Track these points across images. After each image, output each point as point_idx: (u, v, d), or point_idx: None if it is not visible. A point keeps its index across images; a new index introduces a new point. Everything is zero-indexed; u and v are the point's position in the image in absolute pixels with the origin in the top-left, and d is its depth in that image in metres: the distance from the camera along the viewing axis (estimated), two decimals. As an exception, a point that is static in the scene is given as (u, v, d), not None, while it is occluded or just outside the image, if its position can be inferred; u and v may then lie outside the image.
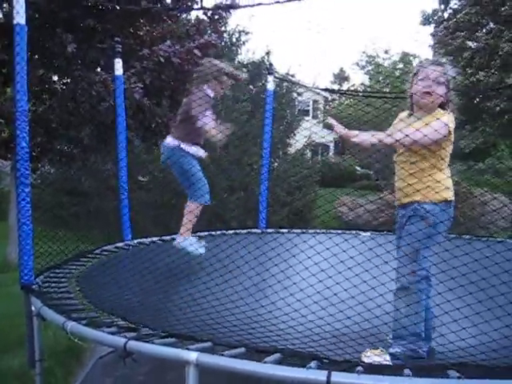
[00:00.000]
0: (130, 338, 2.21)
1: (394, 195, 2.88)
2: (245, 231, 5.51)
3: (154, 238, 5.04)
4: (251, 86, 12.15)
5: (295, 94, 12.95)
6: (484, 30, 15.84)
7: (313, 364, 1.96)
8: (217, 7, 6.86)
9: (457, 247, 2.74)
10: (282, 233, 5.39)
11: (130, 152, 9.24)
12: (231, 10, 7.39)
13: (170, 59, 6.10)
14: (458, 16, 16.28)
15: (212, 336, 2.41)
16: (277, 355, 2.07)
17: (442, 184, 2.66)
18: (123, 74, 5.04)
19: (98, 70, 6.66)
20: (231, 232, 5.47)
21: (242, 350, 2.15)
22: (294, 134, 12.61)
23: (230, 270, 3.38)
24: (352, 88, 26.22)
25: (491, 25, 15.77)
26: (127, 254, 4.36)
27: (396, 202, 2.85)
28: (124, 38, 6.70)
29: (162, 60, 6.07)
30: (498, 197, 11.72)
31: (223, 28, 12.54)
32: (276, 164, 11.75)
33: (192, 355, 2.03)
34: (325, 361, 2.01)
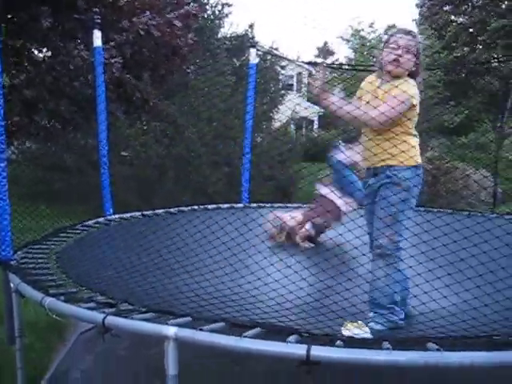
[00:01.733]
0: (108, 313, 2.19)
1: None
2: (227, 206, 5.49)
3: (136, 213, 5.00)
4: (234, 60, 12.00)
5: (279, 68, 12.83)
6: (470, 4, 15.76)
7: (292, 338, 1.95)
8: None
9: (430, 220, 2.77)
10: (264, 207, 5.38)
11: (112, 125, 9.15)
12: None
13: (149, 32, 5.93)
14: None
15: (193, 311, 2.39)
16: (256, 329, 2.06)
17: (413, 148, 2.70)
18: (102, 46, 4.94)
19: (78, 41, 6.50)
20: (214, 206, 5.45)
21: (222, 324, 2.14)
22: (278, 108, 12.52)
23: (212, 245, 3.37)
24: (337, 62, 26.06)
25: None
26: (108, 229, 4.32)
27: (364, 166, 2.83)
28: (103, 9, 6.56)
29: (141, 33, 5.90)
30: (480, 171, 11.83)
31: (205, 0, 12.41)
32: (259, 139, 11.68)
33: (171, 330, 2.01)
34: (304, 335, 2.01)
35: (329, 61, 27.31)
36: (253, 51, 5.81)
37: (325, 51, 28.38)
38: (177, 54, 6.38)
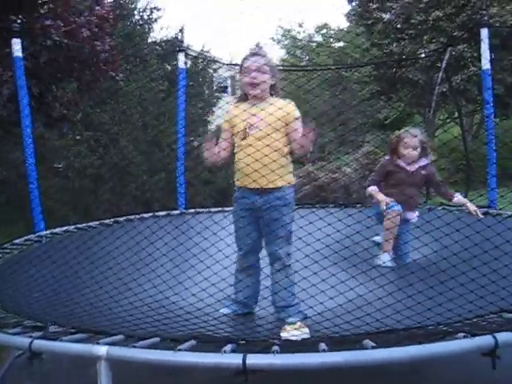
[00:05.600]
0: (35, 337, 2.08)
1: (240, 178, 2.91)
2: (163, 213, 5.40)
3: (69, 227, 4.83)
4: (166, 65, 11.86)
5: (211, 71, 12.78)
6: (400, 3, 16.17)
7: (228, 347, 1.91)
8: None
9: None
10: (201, 213, 5.32)
11: (41, 138, 8.85)
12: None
13: (57, 42, 5.68)
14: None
15: (126, 329, 2.31)
16: (191, 342, 2.01)
17: (291, 167, 2.92)
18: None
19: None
20: (150, 215, 5.34)
21: (156, 339, 2.07)
22: (213, 111, 12.47)
23: (147, 257, 3.30)
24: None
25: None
26: (38, 246, 4.15)
27: (248, 186, 2.86)
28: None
29: (48, 42, 5.65)
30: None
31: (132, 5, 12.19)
32: (196, 142, 11.60)
33: (101, 349, 1.93)
34: (241, 342, 1.98)
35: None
36: (181, 56, 5.74)
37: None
38: (97, 60, 6.17)
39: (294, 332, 2.41)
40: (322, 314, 2.52)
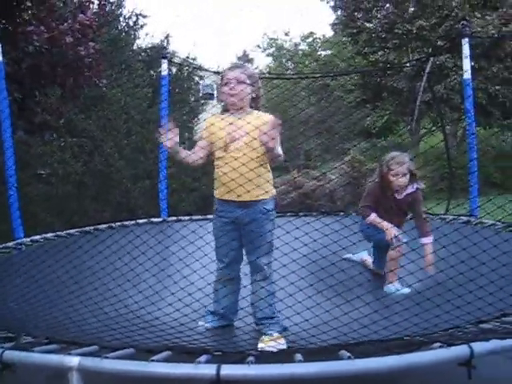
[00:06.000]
0: (6, 348, 2.04)
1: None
2: (145, 221, 5.36)
3: (49, 234, 4.77)
4: (151, 71, 11.83)
5: (197, 78, 12.78)
6: (383, 12, 16.32)
7: (202, 358, 1.89)
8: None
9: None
10: (183, 220, 5.29)
11: (24, 144, 8.76)
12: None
13: (39, 48, 5.64)
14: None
15: (101, 339, 2.28)
16: (166, 353, 1.98)
17: (271, 178, 2.92)
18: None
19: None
20: (132, 222, 5.29)
21: (131, 350, 2.04)
22: (198, 119, 12.45)
23: (126, 266, 3.26)
24: (256, 70, 26.34)
25: (388, 6, 16.29)
26: (16, 254, 4.09)
27: (228, 198, 2.85)
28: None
29: (30, 48, 5.60)
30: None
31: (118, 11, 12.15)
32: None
33: (73, 360, 1.89)
34: (216, 353, 1.95)
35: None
36: (164, 62, 5.73)
37: (244, 60, 28.59)
38: (81, 65, 6.13)
39: (270, 343, 2.39)
40: (300, 324, 2.51)
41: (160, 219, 5.53)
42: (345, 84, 17.89)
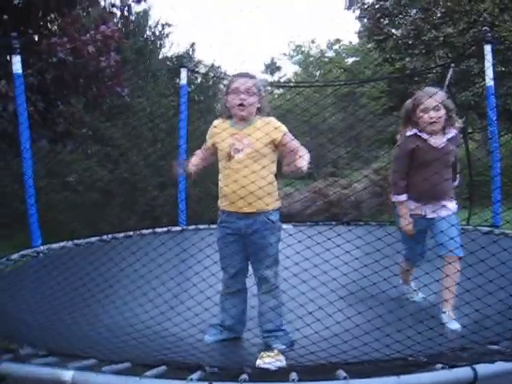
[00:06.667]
0: (3, 359, 2.03)
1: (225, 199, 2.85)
2: (164, 230, 5.37)
3: (68, 243, 4.81)
4: (177, 80, 11.92)
5: (221, 85, 12.81)
6: (409, 18, 16.13)
7: (195, 375, 1.85)
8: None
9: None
10: (202, 229, 5.28)
11: (52, 151, 8.90)
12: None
13: (63, 59, 5.73)
14: (382, 3, 16.52)
15: (101, 353, 2.26)
16: (161, 368, 1.96)
17: (275, 189, 2.86)
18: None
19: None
20: (149, 231, 5.30)
21: (127, 364, 2.02)
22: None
23: (139, 276, 3.27)
24: (284, 78, 26.39)
25: (414, 12, 16.11)
26: (33, 262, 4.12)
27: (232, 210, 2.82)
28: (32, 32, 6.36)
29: (54, 59, 5.70)
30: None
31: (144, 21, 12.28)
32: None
33: (68, 374, 1.88)
34: (209, 370, 1.91)
35: (276, 77, 27.61)
36: (183, 72, 5.75)
37: (272, 67, 28.65)
38: (102, 76, 6.21)
39: (267, 359, 2.35)
40: (299, 341, 2.46)
41: (179, 228, 5.53)
42: (371, 91, 17.73)
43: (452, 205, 3.18)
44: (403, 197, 3.17)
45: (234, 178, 2.73)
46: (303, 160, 2.61)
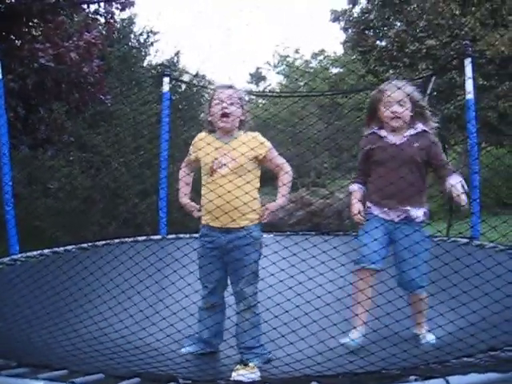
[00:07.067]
0: (-29, 371, 1.99)
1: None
2: (144, 238, 5.33)
3: (46, 251, 4.74)
4: (160, 87, 11.89)
5: (206, 95, 12.82)
6: (393, 30, 16.29)
7: (168, 387, 1.83)
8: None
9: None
10: (180, 238, 5.25)
11: (35, 158, 8.82)
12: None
13: (44, 65, 5.70)
14: (366, 16, 16.67)
15: (73, 363, 2.23)
16: (135, 380, 1.93)
17: (258, 204, 2.84)
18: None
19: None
20: (130, 239, 5.25)
21: (100, 375, 1.99)
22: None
23: (116, 285, 3.23)
24: (269, 87, 26.46)
25: (398, 25, 16.28)
26: (6, 271, 4.06)
27: (213, 224, 2.81)
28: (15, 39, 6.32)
29: (35, 65, 5.68)
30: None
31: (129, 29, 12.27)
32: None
33: (37, 385, 1.85)
34: (184, 382, 1.89)
35: (261, 86, 27.66)
36: (166, 80, 5.75)
37: (257, 77, 28.72)
38: (84, 82, 6.19)
39: (241, 372, 2.34)
40: (274, 352, 2.44)
41: (159, 237, 5.50)
42: (354, 102, 17.85)
43: (417, 212, 2.86)
44: (354, 186, 3.10)
45: (217, 193, 2.71)
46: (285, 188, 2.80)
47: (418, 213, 2.87)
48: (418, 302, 2.85)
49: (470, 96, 5.05)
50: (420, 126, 2.88)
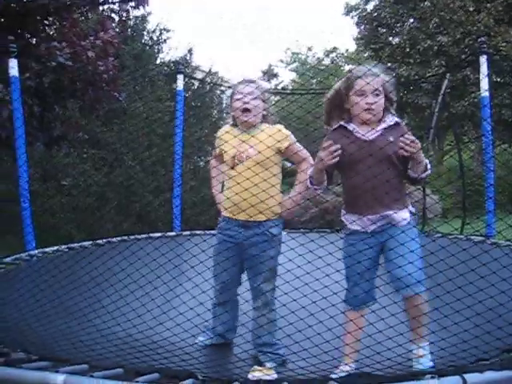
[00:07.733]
0: (-9, 364, 2.03)
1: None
2: (158, 235, 5.36)
3: (61, 246, 4.80)
4: (174, 85, 11.94)
5: (218, 92, 12.83)
6: (406, 27, 16.23)
7: (187, 382, 1.86)
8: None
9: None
10: (195, 235, 5.28)
11: (48, 155, 8.90)
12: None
13: (62, 63, 5.75)
14: (379, 12, 16.61)
15: (93, 358, 2.27)
16: (153, 375, 1.96)
17: (280, 198, 2.82)
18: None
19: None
20: (144, 236, 5.29)
21: (119, 370, 2.02)
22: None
23: (133, 281, 3.25)
24: (281, 85, 26.44)
25: (411, 21, 16.22)
26: (26, 266, 4.12)
27: (233, 217, 2.80)
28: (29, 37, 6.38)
29: (53, 63, 5.73)
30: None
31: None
32: (202, 163, 11.61)
33: (59, 378, 1.87)
34: (202, 379, 1.91)
35: (273, 83, 27.61)
36: (180, 78, 5.77)
37: (269, 74, 28.67)
38: (100, 80, 6.24)
39: (258, 374, 2.36)
40: (291, 352, 2.45)
41: (173, 233, 5.53)
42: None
43: (401, 214, 2.49)
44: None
45: (239, 186, 2.70)
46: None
47: (402, 215, 2.50)
48: (412, 307, 2.41)
49: (485, 94, 5.02)
50: (392, 118, 2.51)
